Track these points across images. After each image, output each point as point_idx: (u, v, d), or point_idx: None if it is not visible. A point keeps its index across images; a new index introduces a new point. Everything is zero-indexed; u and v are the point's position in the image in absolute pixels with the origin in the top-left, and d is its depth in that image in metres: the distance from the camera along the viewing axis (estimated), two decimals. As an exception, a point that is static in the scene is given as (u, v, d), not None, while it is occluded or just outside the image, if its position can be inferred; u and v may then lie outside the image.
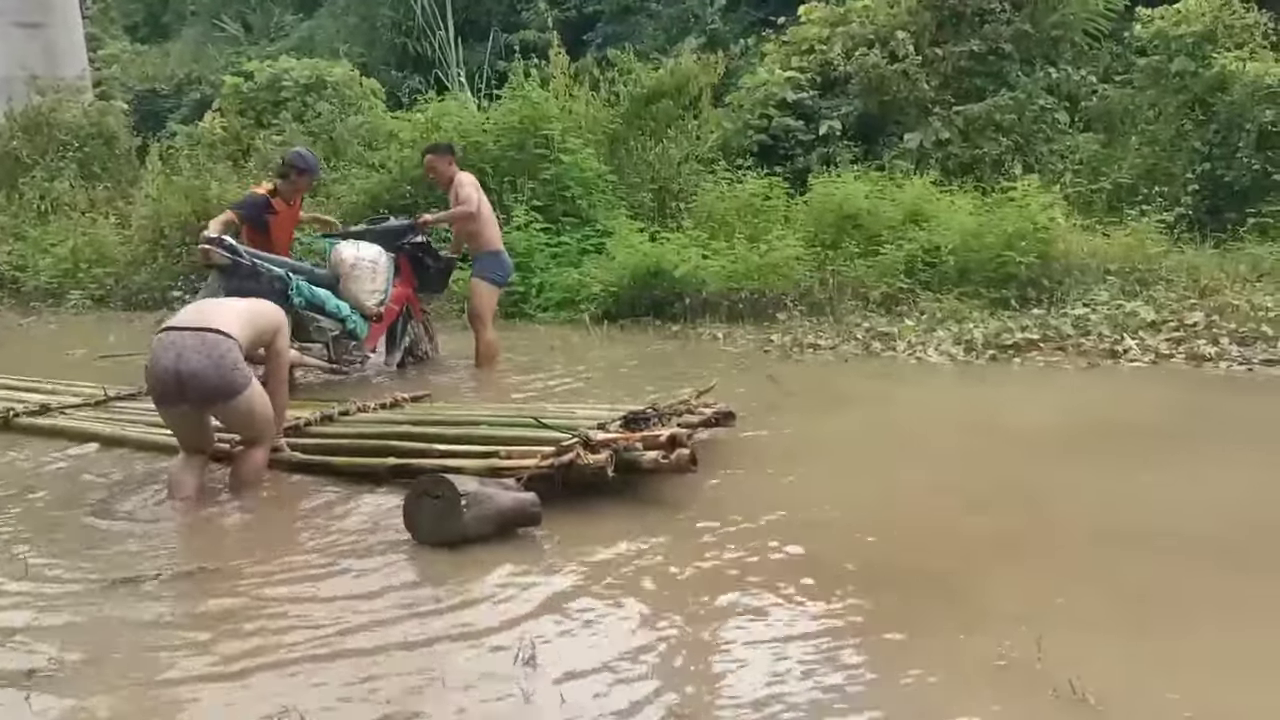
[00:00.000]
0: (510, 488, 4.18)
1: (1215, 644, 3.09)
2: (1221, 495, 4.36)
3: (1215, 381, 6.23)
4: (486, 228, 7.29)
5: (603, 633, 3.29)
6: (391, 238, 7.24)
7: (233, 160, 12.21)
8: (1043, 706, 2.70)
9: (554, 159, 10.22)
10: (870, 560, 3.77)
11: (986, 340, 7.26)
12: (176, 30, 25.73)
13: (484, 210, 7.27)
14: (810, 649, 3.13)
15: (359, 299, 6.88)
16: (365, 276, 6.89)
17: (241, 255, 6.48)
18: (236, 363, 4.37)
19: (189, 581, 3.78)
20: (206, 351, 4.32)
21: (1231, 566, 3.64)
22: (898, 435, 5.46)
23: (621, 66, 11.71)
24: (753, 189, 9.96)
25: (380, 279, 6.98)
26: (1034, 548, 3.87)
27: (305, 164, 7.04)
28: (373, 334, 7.14)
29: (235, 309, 4.62)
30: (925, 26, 11.77)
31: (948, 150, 10.99)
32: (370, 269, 6.91)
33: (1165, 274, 8.33)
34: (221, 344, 4.35)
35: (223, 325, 4.40)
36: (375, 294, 6.96)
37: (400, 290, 7.25)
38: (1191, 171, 10.07)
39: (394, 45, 18.14)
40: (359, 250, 6.96)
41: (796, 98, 11.64)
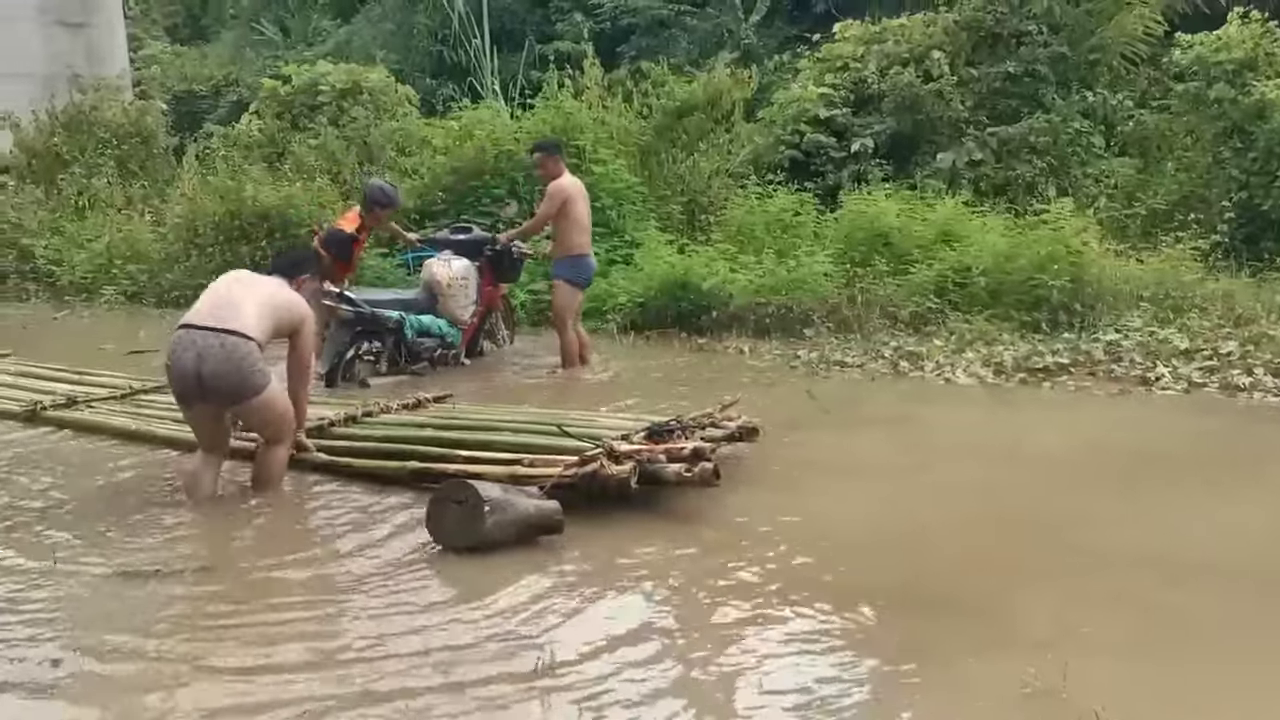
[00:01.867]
0: (533, 495, 4.17)
1: (1244, 677, 3.03)
2: (1254, 526, 4.29)
3: (1249, 412, 6.13)
4: (573, 233, 7.43)
5: (622, 644, 3.27)
6: (477, 249, 7.79)
7: (268, 162, 12.31)
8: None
9: (585, 169, 10.23)
10: (894, 583, 3.73)
11: (1016, 363, 7.18)
12: (215, 33, 26.04)
13: (576, 215, 7.41)
14: (832, 671, 3.10)
15: (455, 314, 7.53)
16: (460, 294, 7.50)
17: (361, 306, 7.06)
18: (256, 364, 4.39)
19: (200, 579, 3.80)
20: (227, 354, 4.35)
21: (1263, 598, 3.57)
22: (924, 457, 5.40)
23: (655, 79, 11.73)
24: (783, 204, 9.93)
25: (472, 291, 7.60)
26: (1062, 575, 3.81)
27: (387, 199, 7.60)
28: (465, 337, 7.76)
29: (256, 302, 4.54)
30: (961, 47, 11.72)
31: (980, 171, 10.92)
32: (463, 286, 7.51)
33: (1199, 302, 8.21)
34: (241, 346, 4.36)
35: (242, 327, 4.40)
36: (469, 308, 7.61)
37: (485, 291, 7.82)
38: (1228, 199, 9.95)
39: (429, 53, 18.26)
40: (451, 269, 7.49)
41: (829, 114, 11.61)
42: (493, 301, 8.06)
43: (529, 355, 8.29)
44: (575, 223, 7.43)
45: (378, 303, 7.26)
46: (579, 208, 7.46)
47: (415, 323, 7.35)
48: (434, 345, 7.48)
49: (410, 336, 7.32)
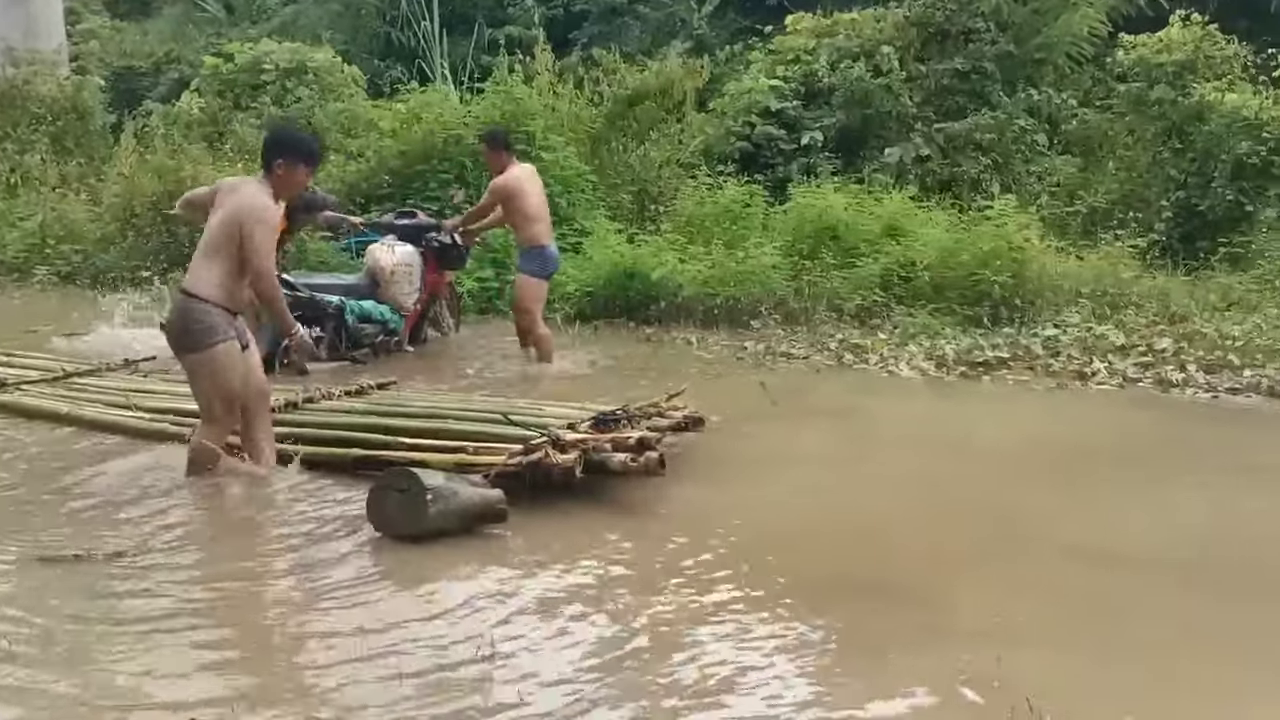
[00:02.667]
0: (476, 484, 4.14)
1: (1172, 666, 3.11)
2: (1182, 519, 4.40)
3: (1180, 407, 6.28)
4: (530, 225, 7.21)
5: (563, 634, 3.26)
6: (421, 234, 7.69)
7: (208, 142, 12.04)
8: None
9: (535, 156, 10.15)
10: (833, 573, 3.77)
11: (958, 357, 7.29)
12: (157, 8, 25.39)
13: (527, 208, 7.17)
14: (768, 661, 3.11)
15: (398, 301, 7.44)
16: (404, 280, 7.41)
17: (299, 289, 6.89)
18: (199, 319, 4.29)
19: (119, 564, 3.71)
20: (176, 311, 4.44)
21: (1190, 589, 3.67)
22: (867, 449, 5.47)
23: (606, 66, 11.68)
24: (733, 195, 9.95)
25: (416, 278, 7.51)
26: (998, 566, 3.88)
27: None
28: (408, 324, 7.68)
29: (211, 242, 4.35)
30: (910, 43, 11.83)
31: (927, 166, 11.04)
32: (407, 273, 7.43)
33: (1136, 299, 8.40)
34: (186, 304, 4.35)
35: (192, 284, 4.35)
36: (412, 295, 7.52)
37: (429, 279, 7.71)
38: (1166, 199, 10.18)
39: (377, 34, 17.98)
40: (395, 255, 7.40)
41: (780, 106, 11.66)
42: (437, 289, 7.96)
43: (476, 344, 8.22)
44: (525, 215, 7.20)
45: (318, 287, 7.17)
46: (529, 200, 7.21)
47: (356, 308, 7.25)
48: (376, 332, 7.38)
49: (351, 322, 7.22)
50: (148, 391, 5.94)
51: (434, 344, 8.14)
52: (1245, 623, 3.38)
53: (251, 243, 4.25)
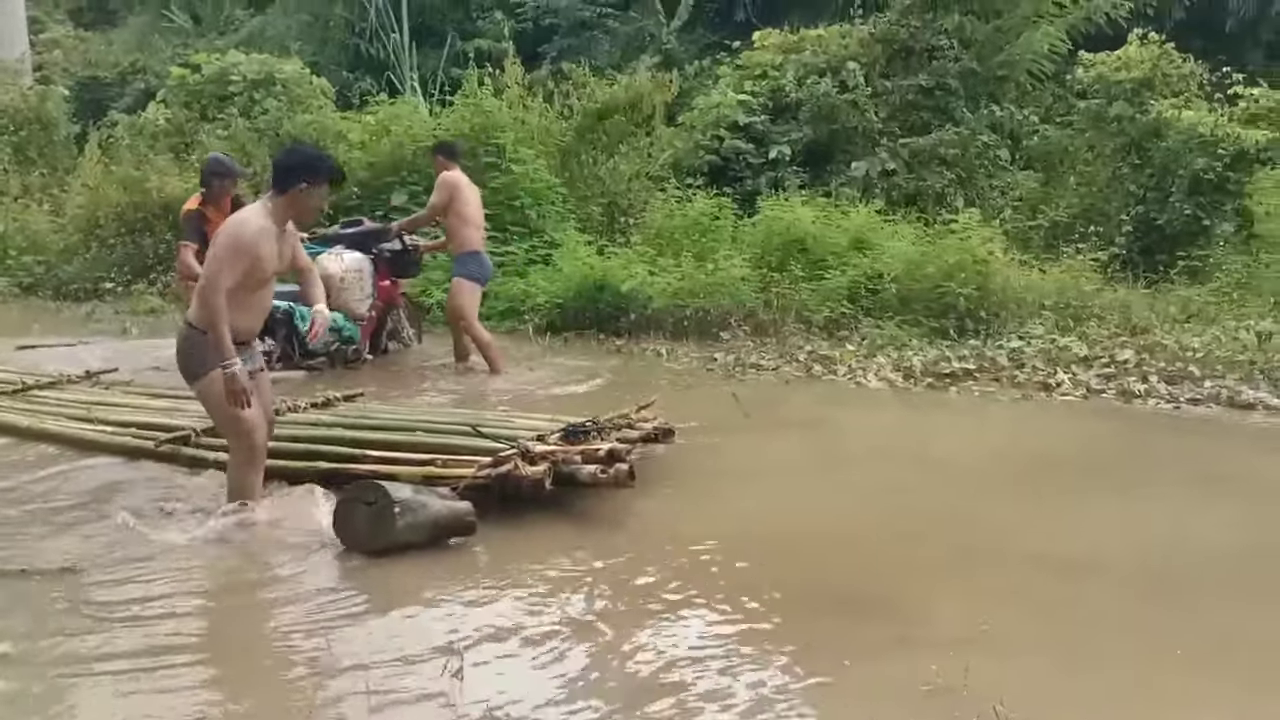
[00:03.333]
0: (445, 496, 4.13)
1: (1137, 674, 3.15)
2: (1146, 529, 4.46)
3: (1143, 418, 6.38)
4: (466, 229, 7.36)
5: (533, 647, 3.25)
6: (369, 240, 7.62)
7: (174, 153, 11.91)
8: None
9: (504, 168, 10.17)
10: (802, 584, 3.79)
11: (925, 368, 7.36)
12: (122, 18, 25.16)
13: (466, 212, 7.35)
14: (738, 670, 3.13)
15: (350, 308, 7.35)
16: (354, 286, 7.34)
17: None
18: (195, 346, 4.07)
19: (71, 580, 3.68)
20: (179, 336, 4.21)
21: (1154, 598, 3.72)
22: (835, 460, 5.51)
23: (576, 80, 11.72)
24: (701, 208, 10.00)
25: (367, 284, 7.46)
26: (965, 576, 3.92)
27: (222, 168, 6.87)
28: (363, 333, 7.58)
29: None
30: (876, 59, 11.98)
31: (893, 180, 11.17)
32: (356, 278, 7.36)
33: (1098, 311, 8.54)
34: (189, 334, 4.11)
35: (194, 315, 4.10)
36: (365, 301, 7.46)
37: (381, 287, 7.65)
38: (1126, 213, 10.36)
39: (346, 45, 17.91)
40: (344, 262, 7.32)
41: (748, 121, 11.75)
42: (392, 298, 7.89)
43: (440, 356, 8.18)
44: (463, 217, 7.33)
45: None
46: (470, 204, 7.38)
47: (305, 314, 6.91)
48: (330, 340, 7.22)
49: (302, 327, 7.01)
50: (110, 404, 5.87)
51: (397, 355, 8.09)
52: (1208, 631, 3.44)
53: (212, 257, 4.05)
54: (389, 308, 7.90)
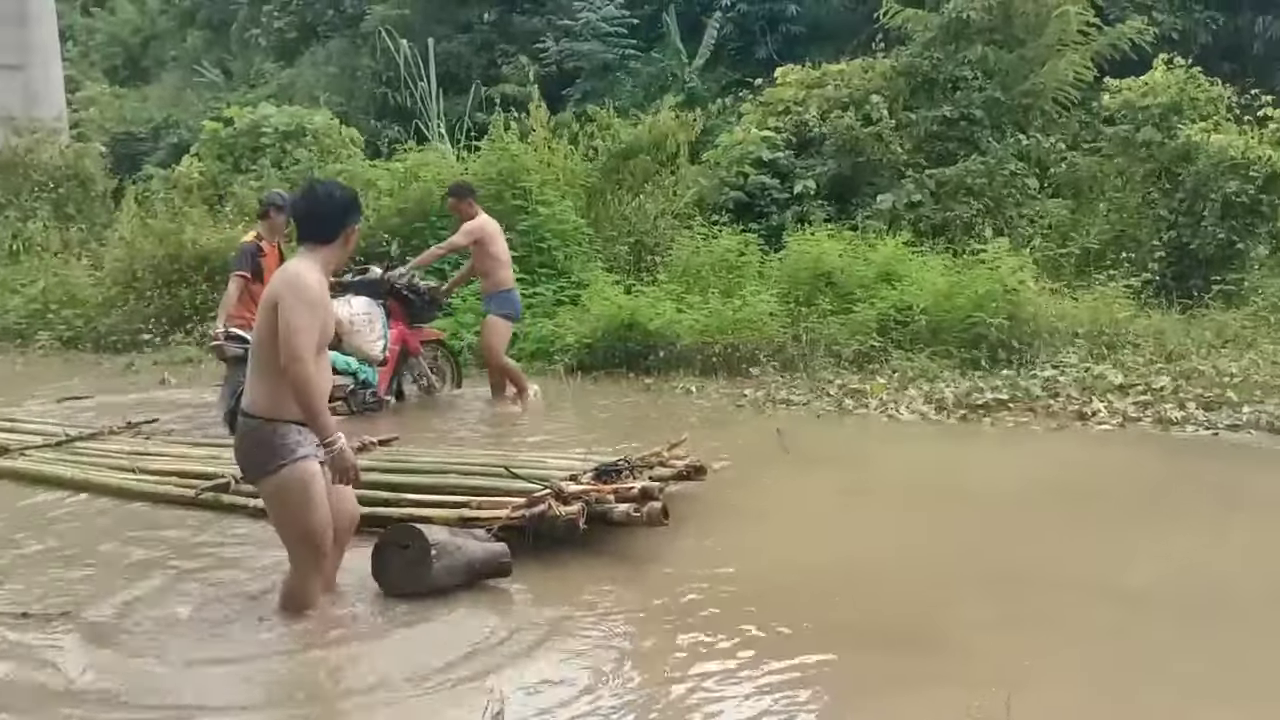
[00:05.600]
0: (480, 538, 4.14)
1: (1178, 706, 3.09)
2: (1184, 558, 4.39)
3: (1181, 445, 6.29)
4: (499, 269, 7.80)
5: (571, 688, 3.25)
6: (377, 286, 7.58)
7: (209, 205, 12.17)
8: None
9: (531, 210, 10.28)
10: (840, 620, 3.76)
11: (957, 400, 7.30)
12: (156, 74, 25.84)
13: (497, 251, 7.78)
14: (779, 709, 3.10)
15: (364, 350, 7.33)
16: (364, 329, 7.31)
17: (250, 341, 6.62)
18: (259, 441, 3.55)
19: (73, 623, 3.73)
20: (239, 431, 3.70)
21: (1195, 630, 3.66)
22: (869, 494, 5.46)
23: (600, 122, 11.85)
24: (728, 244, 10.04)
25: (378, 326, 7.42)
26: (1004, 608, 3.87)
27: (283, 200, 7.21)
28: (382, 377, 7.59)
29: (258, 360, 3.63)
30: (899, 92, 12.02)
31: (920, 212, 11.15)
32: (366, 320, 7.33)
33: (1133, 338, 8.45)
34: (242, 426, 3.65)
35: (252, 405, 3.61)
36: (377, 342, 7.40)
37: (396, 331, 7.64)
38: (1158, 239, 10.28)
39: (374, 95, 18.28)
40: (351, 307, 7.31)
41: (772, 156, 11.80)
42: (409, 343, 7.82)
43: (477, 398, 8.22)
44: (497, 259, 7.78)
45: None
46: (501, 245, 7.86)
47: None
48: (346, 383, 7.23)
49: None
50: (151, 454, 5.95)
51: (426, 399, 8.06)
52: (1250, 664, 3.37)
53: (284, 315, 3.45)
54: (404, 353, 7.81)
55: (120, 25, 27.82)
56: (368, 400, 7.43)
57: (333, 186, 3.85)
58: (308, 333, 3.46)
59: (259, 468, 3.58)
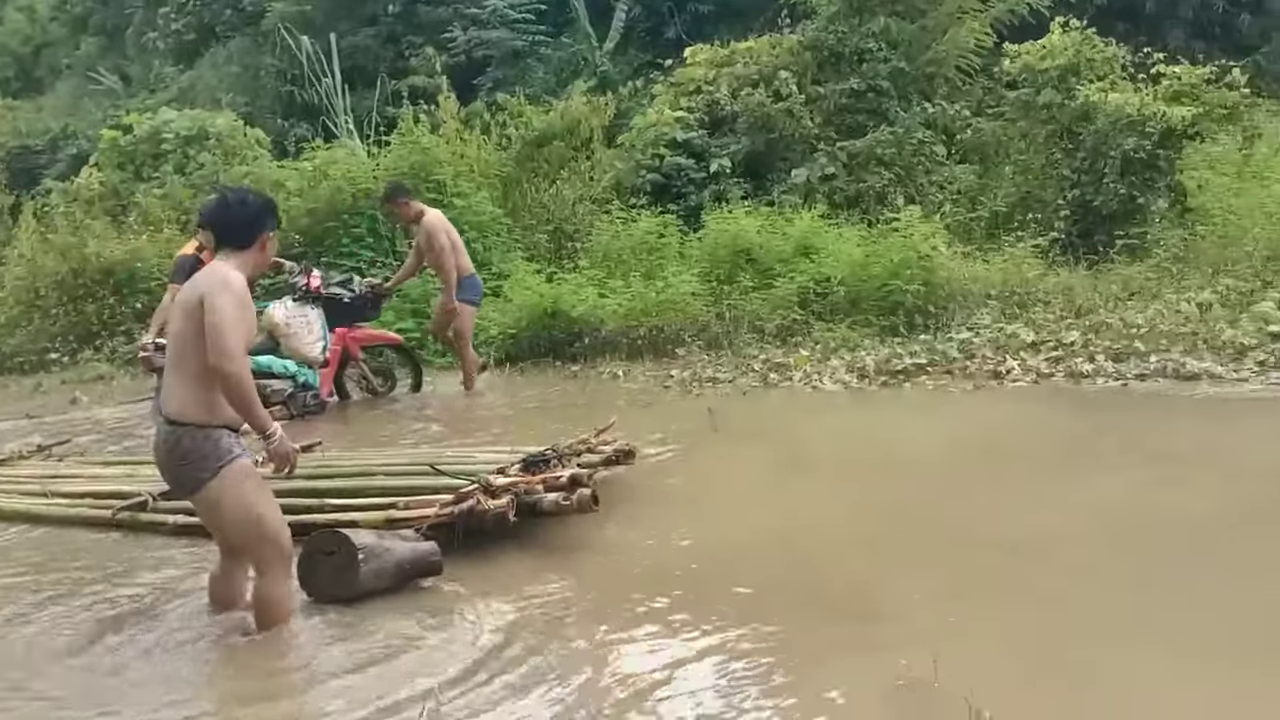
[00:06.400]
0: (409, 538, 4.10)
1: (1100, 652, 3.19)
2: (1101, 508, 4.52)
3: (1092, 397, 6.49)
4: (461, 256, 7.87)
5: (509, 680, 3.23)
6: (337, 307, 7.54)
7: (111, 216, 11.79)
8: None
9: (447, 203, 10.16)
10: (772, 588, 3.81)
11: (878, 367, 7.44)
12: (50, 84, 24.90)
13: (457, 240, 7.88)
14: (710, 678, 3.16)
15: (301, 353, 7.24)
16: (301, 331, 7.21)
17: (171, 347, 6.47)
18: (191, 448, 3.42)
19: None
20: (161, 441, 3.52)
21: (1113, 575, 3.78)
22: (796, 465, 5.53)
23: (511, 110, 11.75)
24: (647, 227, 10.06)
25: (316, 328, 7.31)
26: (930, 567, 3.96)
27: None
28: (324, 379, 7.56)
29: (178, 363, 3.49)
30: (807, 66, 12.12)
31: (834, 184, 11.29)
32: (304, 323, 7.23)
33: (1043, 296, 8.68)
34: (169, 436, 3.47)
35: (175, 410, 3.47)
36: (316, 344, 7.29)
37: (335, 333, 7.55)
38: (1063, 198, 10.55)
39: (280, 94, 17.86)
40: (286, 309, 7.23)
41: (686, 137, 11.83)
42: (349, 343, 7.74)
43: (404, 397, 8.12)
44: (458, 248, 7.86)
45: None
46: (455, 235, 7.91)
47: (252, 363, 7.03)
48: (284, 387, 7.20)
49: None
50: (64, 476, 5.77)
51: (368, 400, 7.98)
52: (1171, 606, 3.49)
53: (212, 313, 3.34)
54: (345, 354, 7.77)
55: (9, 35, 26.76)
56: (309, 403, 7.33)
57: (244, 193, 3.81)
58: (237, 330, 3.37)
59: (193, 478, 3.45)
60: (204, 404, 3.42)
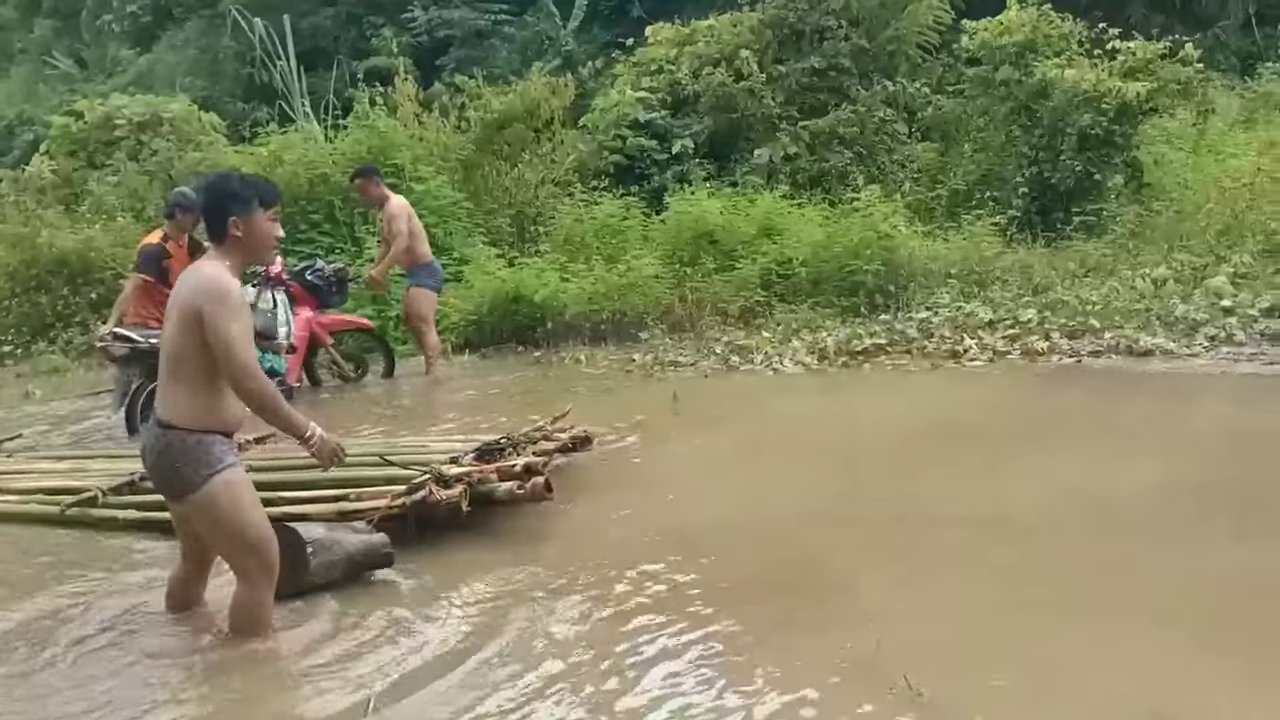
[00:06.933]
0: (359, 530, 4.08)
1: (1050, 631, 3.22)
2: (1053, 485, 4.57)
3: (1047, 375, 6.56)
4: (419, 244, 7.90)
5: (458, 677, 3.21)
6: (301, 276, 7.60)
7: (64, 205, 11.58)
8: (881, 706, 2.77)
9: (406, 188, 10.06)
10: (727, 571, 3.83)
11: (838, 348, 7.47)
12: (4, 69, 24.43)
13: (415, 228, 7.90)
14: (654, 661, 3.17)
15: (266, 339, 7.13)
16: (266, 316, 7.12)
17: (138, 340, 6.58)
18: (182, 454, 3.34)
19: None
20: (154, 446, 3.42)
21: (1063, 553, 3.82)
22: (754, 448, 5.56)
23: (470, 92, 11.64)
24: (609, 210, 10.03)
25: (281, 314, 7.26)
26: (884, 548, 4.00)
27: (189, 201, 6.93)
28: (291, 366, 7.48)
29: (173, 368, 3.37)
30: (768, 45, 12.10)
31: (796, 164, 11.30)
32: (266, 307, 7.16)
33: (1001, 274, 8.75)
34: (159, 439, 3.39)
35: (169, 415, 3.37)
36: (281, 328, 7.25)
37: (302, 318, 7.54)
38: (1021, 175, 10.61)
39: (239, 76, 17.63)
40: (250, 295, 7.08)
41: (649, 117, 11.79)
42: (316, 328, 7.74)
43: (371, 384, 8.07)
44: (417, 234, 7.87)
45: None
46: (417, 222, 7.97)
47: None
48: None
49: None
50: (15, 472, 5.68)
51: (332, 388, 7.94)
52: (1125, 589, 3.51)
53: (218, 334, 3.22)
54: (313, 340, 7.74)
55: (-42, 18, 26.22)
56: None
57: (212, 179, 3.64)
58: (245, 341, 3.27)
59: (185, 482, 3.36)
60: (199, 410, 3.35)
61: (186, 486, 3.35)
